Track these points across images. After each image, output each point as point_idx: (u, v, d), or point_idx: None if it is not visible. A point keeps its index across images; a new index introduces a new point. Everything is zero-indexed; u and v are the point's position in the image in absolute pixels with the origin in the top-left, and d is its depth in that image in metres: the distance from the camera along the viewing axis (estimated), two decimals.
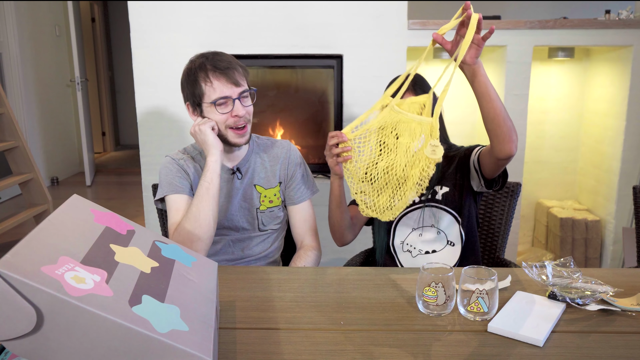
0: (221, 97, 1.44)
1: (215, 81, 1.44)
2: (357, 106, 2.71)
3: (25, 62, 4.90)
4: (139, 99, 2.71)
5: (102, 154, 6.84)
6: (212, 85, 1.44)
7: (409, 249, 1.60)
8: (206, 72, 1.44)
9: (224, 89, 1.44)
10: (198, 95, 1.47)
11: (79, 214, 0.94)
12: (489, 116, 1.32)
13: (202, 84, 1.45)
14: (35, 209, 3.61)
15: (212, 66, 1.44)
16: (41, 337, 0.72)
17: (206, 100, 1.46)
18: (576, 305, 1.13)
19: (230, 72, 1.44)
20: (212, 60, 1.46)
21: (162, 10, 2.62)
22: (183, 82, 1.51)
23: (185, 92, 1.51)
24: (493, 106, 1.31)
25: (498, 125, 1.32)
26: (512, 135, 1.33)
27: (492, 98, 1.30)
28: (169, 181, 1.52)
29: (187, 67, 1.51)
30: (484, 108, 1.32)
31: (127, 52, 6.72)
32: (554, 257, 3.08)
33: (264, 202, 1.59)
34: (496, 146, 1.35)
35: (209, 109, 1.47)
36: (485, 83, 1.30)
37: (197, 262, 1.04)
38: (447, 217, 1.58)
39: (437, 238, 1.58)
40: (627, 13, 2.75)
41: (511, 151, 1.34)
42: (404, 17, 2.62)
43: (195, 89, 1.46)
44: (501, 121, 1.31)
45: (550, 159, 3.18)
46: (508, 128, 1.32)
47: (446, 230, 1.58)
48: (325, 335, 1.03)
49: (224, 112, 1.45)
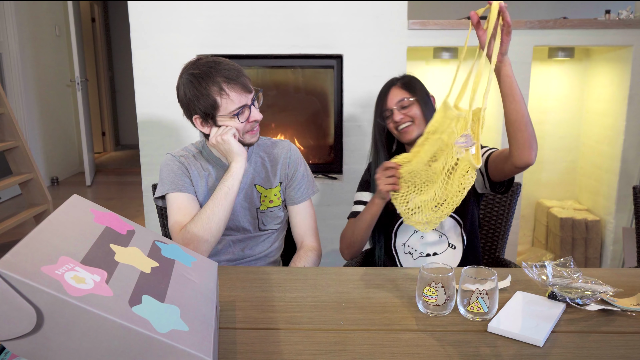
0: (240, 107, 1.44)
1: (232, 93, 1.42)
2: (357, 106, 2.71)
3: (25, 62, 4.90)
4: (139, 99, 2.71)
5: (102, 154, 6.84)
6: (228, 98, 1.42)
7: (410, 251, 1.60)
8: (219, 85, 1.41)
9: (241, 98, 1.43)
10: (211, 109, 1.43)
11: (79, 214, 0.94)
12: (511, 118, 1.29)
13: (217, 97, 1.41)
14: (35, 209, 3.61)
15: (225, 77, 1.41)
16: (41, 337, 0.72)
17: (222, 113, 1.44)
18: (576, 305, 1.13)
19: (242, 80, 1.43)
20: (220, 70, 1.41)
21: (162, 10, 2.62)
22: (187, 97, 1.44)
23: (192, 107, 1.45)
24: (516, 108, 1.27)
25: (519, 130, 1.28)
26: (532, 142, 1.29)
27: (516, 100, 1.27)
28: (170, 179, 1.51)
29: (187, 80, 1.44)
30: (507, 109, 1.29)
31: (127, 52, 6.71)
32: (554, 257, 3.08)
33: (264, 202, 1.59)
34: (515, 152, 1.31)
35: (226, 119, 1.45)
36: (511, 83, 1.26)
37: (197, 262, 1.04)
38: (449, 220, 1.58)
39: (438, 241, 1.58)
40: (627, 13, 2.75)
41: (530, 159, 1.30)
42: (404, 17, 2.62)
43: (208, 102, 1.42)
44: (523, 126, 1.27)
45: (550, 159, 3.18)
46: (529, 134, 1.28)
47: (447, 233, 1.58)
48: (325, 335, 1.03)
49: (243, 120, 1.45)
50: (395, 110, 1.57)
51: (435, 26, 2.64)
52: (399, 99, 1.57)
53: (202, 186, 1.55)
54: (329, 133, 2.90)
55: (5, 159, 3.66)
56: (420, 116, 1.57)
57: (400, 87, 1.59)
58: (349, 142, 2.75)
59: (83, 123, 5.29)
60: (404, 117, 1.56)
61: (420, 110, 1.57)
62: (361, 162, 2.72)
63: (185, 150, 1.60)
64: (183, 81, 1.45)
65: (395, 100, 1.58)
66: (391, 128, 1.60)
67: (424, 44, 2.68)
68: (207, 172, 1.56)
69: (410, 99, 1.57)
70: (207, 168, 1.56)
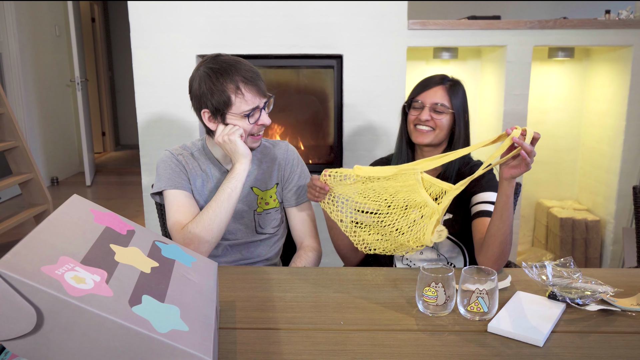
0: (253, 108, 1.44)
1: (248, 93, 1.43)
2: (357, 106, 2.71)
3: (25, 62, 4.90)
4: (139, 99, 2.71)
5: (102, 154, 6.84)
6: (243, 97, 1.43)
7: (408, 263, 1.60)
8: (236, 83, 1.42)
9: (255, 100, 1.44)
10: (223, 105, 1.44)
11: (79, 214, 0.94)
12: (491, 231, 1.31)
13: (232, 94, 1.42)
14: (35, 209, 3.61)
15: (243, 77, 1.42)
16: (41, 337, 0.72)
17: (234, 111, 1.44)
18: (576, 305, 1.13)
19: (259, 83, 1.45)
20: (239, 69, 1.43)
21: (162, 10, 2.62)
22: (201, 90, 1.44)
23: (203, 100, 1.45)
24: (498, 225, 1.29)
25: (492, 244, 1.31)
26: (498, 259, 1.31)
27: (503, 218, 1.28)
28: (167, 175, 1.51)
29: (204, 73, 1.44)
30: (492, 222, 1.31)
31: (127, 52, 6.72)
32: (554, 257, 3.08)
33: (261, 204, 1.59)
34: (479, 258, 1.36)
35: (235, 118, 1.45)
36: (506, 202, 1.27)
37: (197, 262, 1.04)
38: (446, 242, 1.55)
39: (437, 259, 1.57)
40: (627, 13, 2.75)
41: None
42: (404, 17, 2.62)
43: (222, 98, 1.43)
44: (497, 243, 1.30)
45: (550, 159, 3.18)
46: (499, 252, 1.30)
47: (447, 254, 1.57)
48: (325, 335, 1.03)
49: (253, 122, 1.46)
50: (427, 108, 1.51)
51: (435, 26, 2.64)
52: (437, 101, 1.50)
53: (199, 185, 1.54)
54: (329, 133, 2.90)
55: (5, 159, 3.66)
56: (446, 128, 1.51)
57: (446, 90, 1.51)
58: (349, 142, 2.75)
59: (83, 123, 5.29)
60: (430, 120, 1.50)
61: (449, 123, 1.51)
62: (361, 162, 2.71)
63: (184, 148, 1.59)
64: (199, 73, 1.46)
65: (433, 99, 1.51)
66: (410, 120, 1.55)
67: (424, 44, 2.68)
68: (204, 171, 1.55)
69: (448, 108, 1.50)
70: (205, 167, 1.56)
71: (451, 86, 1.53)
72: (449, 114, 1.51)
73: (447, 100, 1.51)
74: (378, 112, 2.70)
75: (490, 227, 1.31)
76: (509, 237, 1.30)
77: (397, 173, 1.30)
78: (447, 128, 1.52)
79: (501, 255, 1.31)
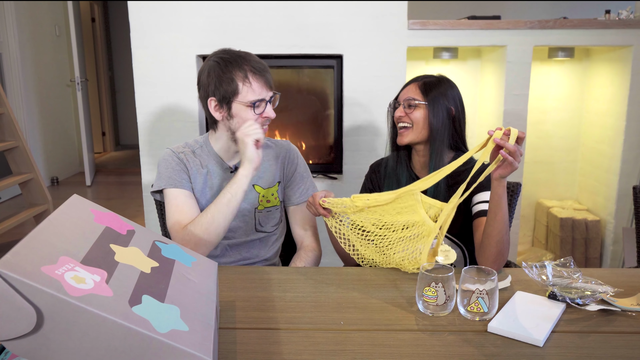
0: (259, 99, 1.46)
1: (255, 83, 1.45)
2: (357, 106, 2.71)
3: (25, 62, 4.90)
4: (139, 99, 2.71)
5: (102, 154, 6.84)
6: (250, 86, 1.45)
7: None
8: (245, 72, 1.45)
9: (261, 91, 1.47)
10: (230, 93, 1.46)
11: (79, 214, 0.94)
12: (487, 231, 1.31)
13: (240, 83, 1.45)
14: (35, 209, 3.61)
15: (252, 67, 1.46)
16: (41, 337, 0.72)
17: (240, 100, 1.46)
18: (576, 305, 1.13)
19: (267, 75, 1.48)
20: (249, 60, 1.47)
21: (162, 10, 2.62)
22: (210, 77, 1.47)
23: (211, 88, 1.47)
24: (493, 225, 1.29)
25: (489, 244, 1.31)
26: (497, 259, 1.31)
27: (497, 218, 1.28)
28: (168, 174, 1.51)
29: (213, 62, 1.47)
30: (487, 222, 1.31)
31: (127, 52, 6.72)
32: (554, 257, 3.08)
33: (262, 202, 1.59)
34: (479, 258, 1.36)
35: (241, 108, 1.46)
36: (498, 201, 1.27)
37: (197, 262, 1.04)
38: (446, 241, 1.55)
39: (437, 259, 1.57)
40: (627, 13, 2.75)
41: None
42: (404, 17, 2.62)
43: (230, 87, 1.45)
44: (493, 242, 1.30)
45: (550, 159, 3.18)
46: (496, 252, 1.31)
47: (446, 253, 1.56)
48: (325, 335, 1.03)
49: (258, 113, 1.47)
50: (402, 105, 1.55)
51: (435, 26, 2.64)
52: (409, 97, 1.54)
53: (199, 182, 1.54)
54: (329, 133, 2.90)
55: (5, 159, 3.66)
56: (421, 122, 1.52)
57: (418, 86, 1.55)
58: (349, 142, 2.75)
59: (83, 123, 5.29)
60: (404, 117, 1.54)
61: (423, 117, 1.52)
62: (361, 162, 2.72)
63: (185, 145, 1.59)
64: (209, 63, 1.49)
65: (406, 95, 1.55)
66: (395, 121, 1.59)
67: (424, 44, 2.68)
68: (205, 168, 1.55)
69: (417, 102, 1.52)
70: (207, 164, 1.56)
71: (426, 83, 1.55)
72: (422, 107, 1.53)
73: (419, 94, 1.53)
74: (378, 112, 2.70)
75: (486, 227, 1.32)
76: (505, 237, 1.30)
77: (395, 199, 1.32)
78: (423, 122, 1.53)
79: (499, 254, 1.31)
